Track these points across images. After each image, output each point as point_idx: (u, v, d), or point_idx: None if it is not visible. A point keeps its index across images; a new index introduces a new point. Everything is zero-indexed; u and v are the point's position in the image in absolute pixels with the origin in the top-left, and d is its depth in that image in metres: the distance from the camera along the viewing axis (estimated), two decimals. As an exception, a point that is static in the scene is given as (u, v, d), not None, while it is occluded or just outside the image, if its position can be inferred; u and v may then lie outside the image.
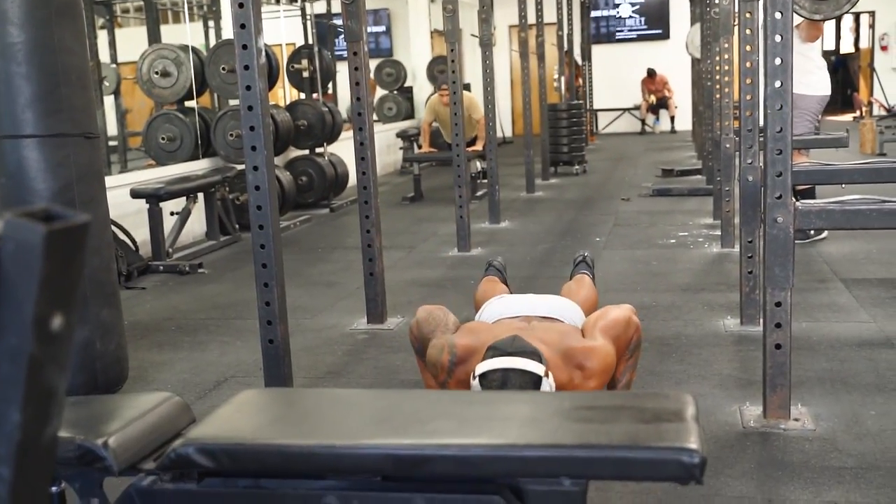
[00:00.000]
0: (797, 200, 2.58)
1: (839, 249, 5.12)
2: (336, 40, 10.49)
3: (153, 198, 5.41)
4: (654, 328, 3.72)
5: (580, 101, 11.74)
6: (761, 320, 2.76)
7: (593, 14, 15.58)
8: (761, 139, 2.87)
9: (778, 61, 2.41)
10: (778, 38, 2.40)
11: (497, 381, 2.39)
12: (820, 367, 3.19)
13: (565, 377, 2.55)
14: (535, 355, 2.44)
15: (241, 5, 2.62)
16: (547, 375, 2.43)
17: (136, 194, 5.41)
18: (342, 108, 9.07)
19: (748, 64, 3.59)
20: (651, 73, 15.93)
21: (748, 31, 3.59)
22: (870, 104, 15.63)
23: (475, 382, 2.43)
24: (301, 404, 1.78)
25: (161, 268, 5.41)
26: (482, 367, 2.43)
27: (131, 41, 8.82)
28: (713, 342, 3.57)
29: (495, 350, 2.46)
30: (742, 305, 3.75)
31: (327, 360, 3.63)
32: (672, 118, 15.98)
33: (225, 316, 4.44)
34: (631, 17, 16.55)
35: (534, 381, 2.40)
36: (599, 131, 16.12)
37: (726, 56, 5.08)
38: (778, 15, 2.38)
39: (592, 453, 1.32)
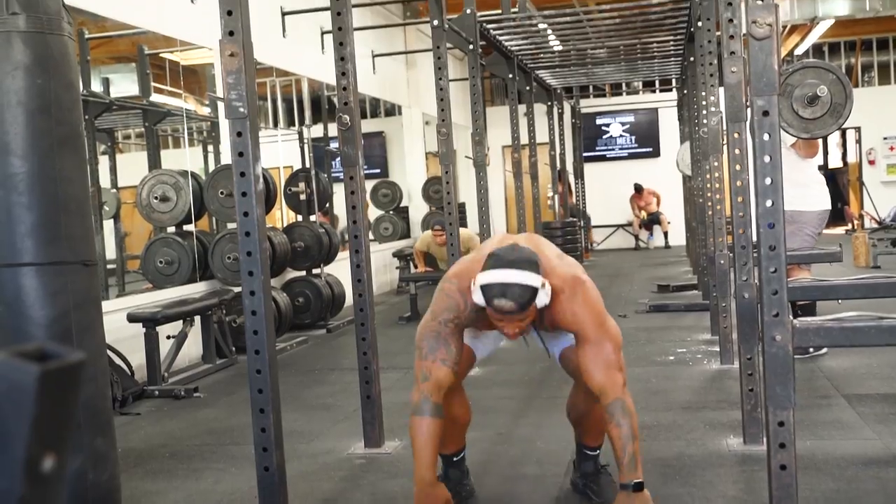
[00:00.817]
0: (795, 317, 2.57)
1: (840, 364, 5.09)
2: (333, 162, 10.67)
3: (150, 322, 5.40)
4: (655, 449, 3.66)
5: (574, 219, 11.87)
6: (764, 440, 2.72)
7: (585, 134, 15.92)
8: (755, 255, 2.89)
9: (768, 181, 2.44)
10: (767, 159, 2.44)
11: (496, 293, 2.57)
12: (827, 487, 3.13)
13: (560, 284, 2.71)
14: (533, 265, 2.59)
15: (238, 134, 2.67)
16: (543, 286, 2.61)
17: (132, 318, 5.41)
18: (341, 222, 9.17)
19: (738, 183, 3.65)
20: (638, 189, 16.21)
21: (737, 151, 3.66)
22: (861, 217, 15.82)
23: (475, 288, 2.61)
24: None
25: (156, 392, 5.35)
26: (483, 279, 2.59)
27: (132, 166, 8.96)
28: (717, 462, 3.50)
29: (496, 259, 2.60)
30: (744, 424, 3.70)
31: (324, 486, 3.55)
32: (665, 234, 16.14)
33: (220, 442, 4.37)
34: (622, 135, 16.91)
35: (531, 292, 2.59)
36: (594, 248, 16.26)
37: (716, 174, 5.16)
38: (766, 136, 2.43)
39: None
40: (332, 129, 9.59)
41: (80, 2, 5.66)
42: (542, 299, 2.62)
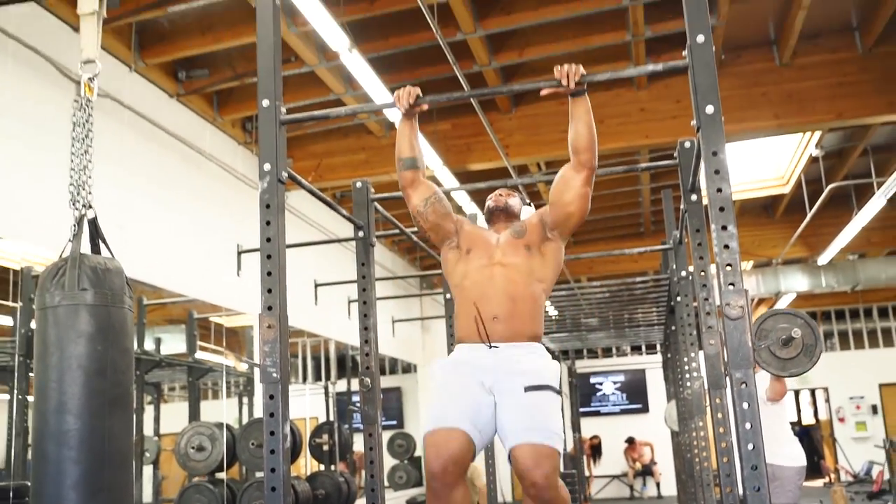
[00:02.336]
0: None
1: None
2: (353, 415, 10.54)
3: (177, 568, 5.13)
4: None
5: (573, 471, 11.51)
6: None
7: (580, 391, 15.80)
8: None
9: (750, 446, 2.38)
10: (748, 426, 2.39)
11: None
12: None
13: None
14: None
15: (271, 397, 2.65)
16: (529, 205, 3.23)
17: (160, 564, 5.14)
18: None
19: (723, 444, 3.55)
20: (630, 441, 15.91)
21: (720, 415, 3.59)
22: (836, 471, 15.34)
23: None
24: None
25: None
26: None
27: (174, 415, 8.87)
28: None
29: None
30: None
31: None
32: (658, 484, 15.61)
33: None
34: (614, 393, 16.79)
35: (519, 194, 3.41)
36: (592, 497, 15.65)
37: (702, 433, 5.04)
38: (745, 405, 2.40)
39: None
40: (355, 384, 9.57)
41: (143, 276, 5.86)
42: (526, 211, 3.28)
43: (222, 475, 6.70)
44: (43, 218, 5.01)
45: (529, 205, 3.20)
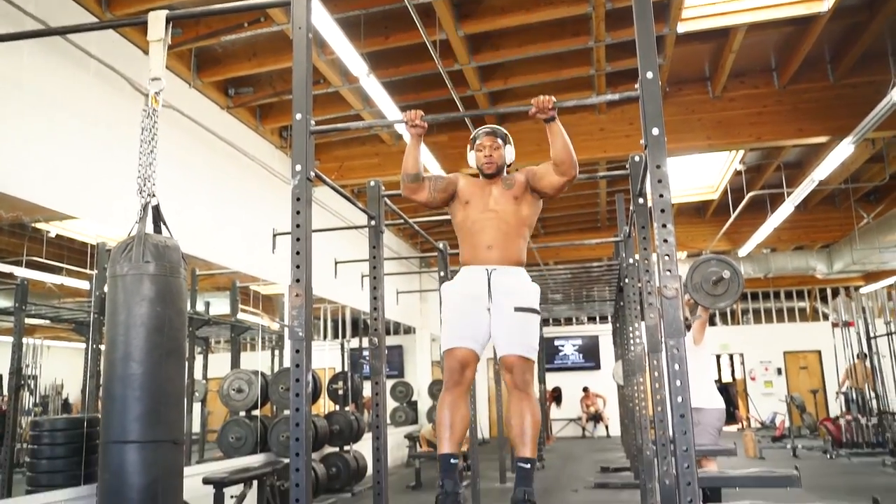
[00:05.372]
0: (705, 501, 2.43)
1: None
2: (364, 367, 10.54)
3: (219, 484, 5.12)
4: None
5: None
6: None
7: (547, 352, 15.82)
8: (672, 449, 2.76)
9: (679, 399, 2.38)
10: (678, 383, 2.38)
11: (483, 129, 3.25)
12: None
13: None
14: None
15: (297, 351, 2.64)
16: (510, 144, 3.23)
17: (206, 481, 5.13)
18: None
19: (658, 396, 3.56)
20: (585, 390, 15.97)
21: (656, 374, 3.60)
22: (748, 419, 15.42)
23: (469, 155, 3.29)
24: None
25: (218, 542, 4.97)
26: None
27: (219, 363, 8.85)
28: None
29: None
30: (669, 587, 3.39)
31: None
32: (606, 426, 15.68)
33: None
34: (573, 353, 16.81)
35: (504, 133, 3.23)
36: (554, 435, 15.72)
37: (641, 387, 5.05)
38: (676, 367, 2.39)
39: None
40: (365, 342, 9.55)
41: (196, 251, 5.82)
42: (509, 151, 3.20)
43: (257, 412, 6.70)
44: (115, 203, 4.98)
45: (509, 141, 3.21)
